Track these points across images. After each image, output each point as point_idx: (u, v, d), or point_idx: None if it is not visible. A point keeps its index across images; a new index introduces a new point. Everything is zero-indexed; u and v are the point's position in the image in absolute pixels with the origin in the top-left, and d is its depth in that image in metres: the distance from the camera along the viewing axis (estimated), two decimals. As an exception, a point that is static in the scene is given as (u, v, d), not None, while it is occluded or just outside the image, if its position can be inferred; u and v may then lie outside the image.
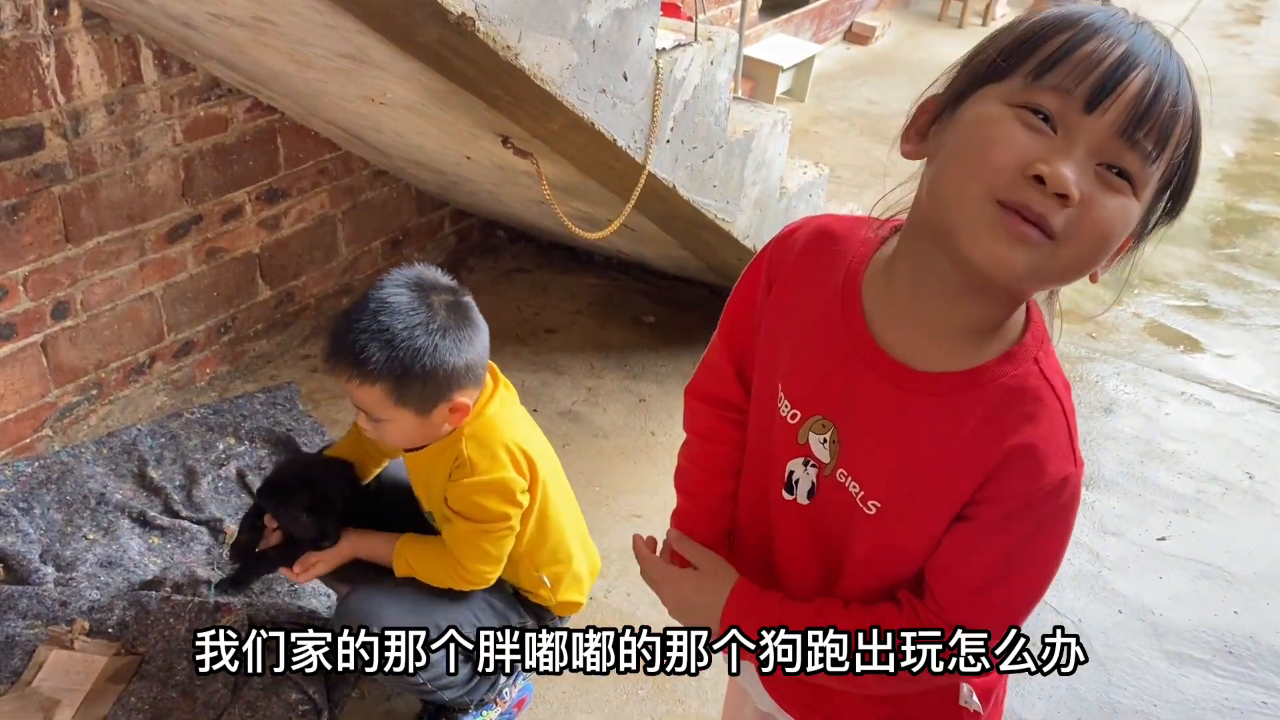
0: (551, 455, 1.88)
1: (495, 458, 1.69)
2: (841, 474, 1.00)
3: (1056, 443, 0.91)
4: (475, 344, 1.65)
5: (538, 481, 1.76)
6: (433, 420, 1.65)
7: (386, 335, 1.55)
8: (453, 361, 1.60)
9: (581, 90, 1.81)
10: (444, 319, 1.60)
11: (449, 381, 1.61)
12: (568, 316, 3.43)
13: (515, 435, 1.74)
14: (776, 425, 1.05)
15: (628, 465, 2.75)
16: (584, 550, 1.96)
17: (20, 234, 2.30)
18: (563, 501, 1.88)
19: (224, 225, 2.77)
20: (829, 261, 1.03)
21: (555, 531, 1.84)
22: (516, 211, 3.20)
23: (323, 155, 2.98)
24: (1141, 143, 0.80)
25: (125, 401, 2.69)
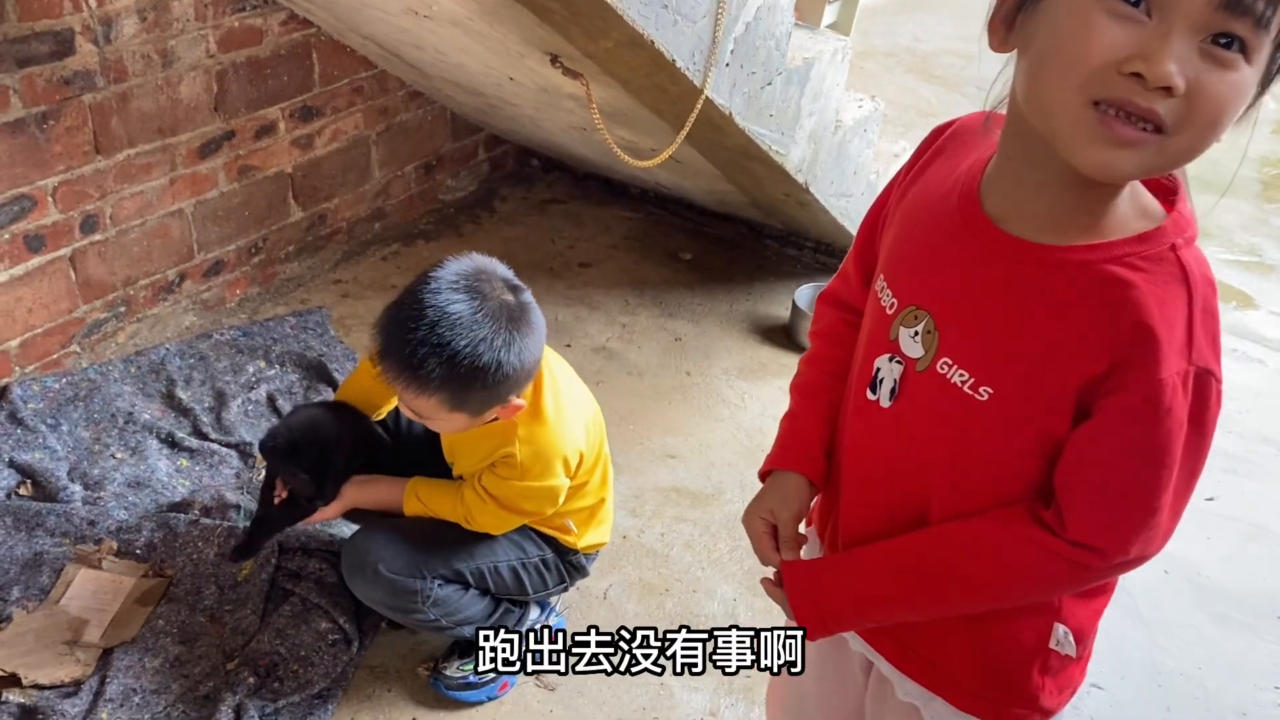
0: (592, 407, 1.84)
1: (549, 468, 1.67)
2: (945, 363, 0.93)
3: (1176, 334, 0.84)
4: (535, 348, 1.57)
5: (582, 465, 1.74)
6: (484, 418, 1.62)
7: (449, 351, 1.46)
8: (514, 370, 1.52)
9: (643, 4, 1.71)
10: (507, 329, 1.50)
11: (508, 388, 1.56)
12: (602, 250, 3.34)
13: (570, 434, 1.69)
14: (875, 319, 1.00)
15: (662, 404, 2.69)
16: (610, 487, 1.92)
17: (50, 143, 2.22)
18: (597, 450, 1.83)
19: (256, 142, 2.69)
20: (960, 154, 0.98)
21: (586, 483, 1.82)
22: (556, 139, 3.10)
23: (358, 73, 2.88)
24: (1253, 7, 0.73)
25: (154, 320, 2.63)
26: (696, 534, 2.28)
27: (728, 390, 2.75)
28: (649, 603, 2.10)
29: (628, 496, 2.37)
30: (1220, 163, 1.03)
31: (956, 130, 1.03)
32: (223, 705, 1.76)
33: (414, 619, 1.81)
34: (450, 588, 1.78)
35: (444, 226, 3.38)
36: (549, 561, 1.86)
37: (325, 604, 1.95)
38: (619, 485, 2.38)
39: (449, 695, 1.87)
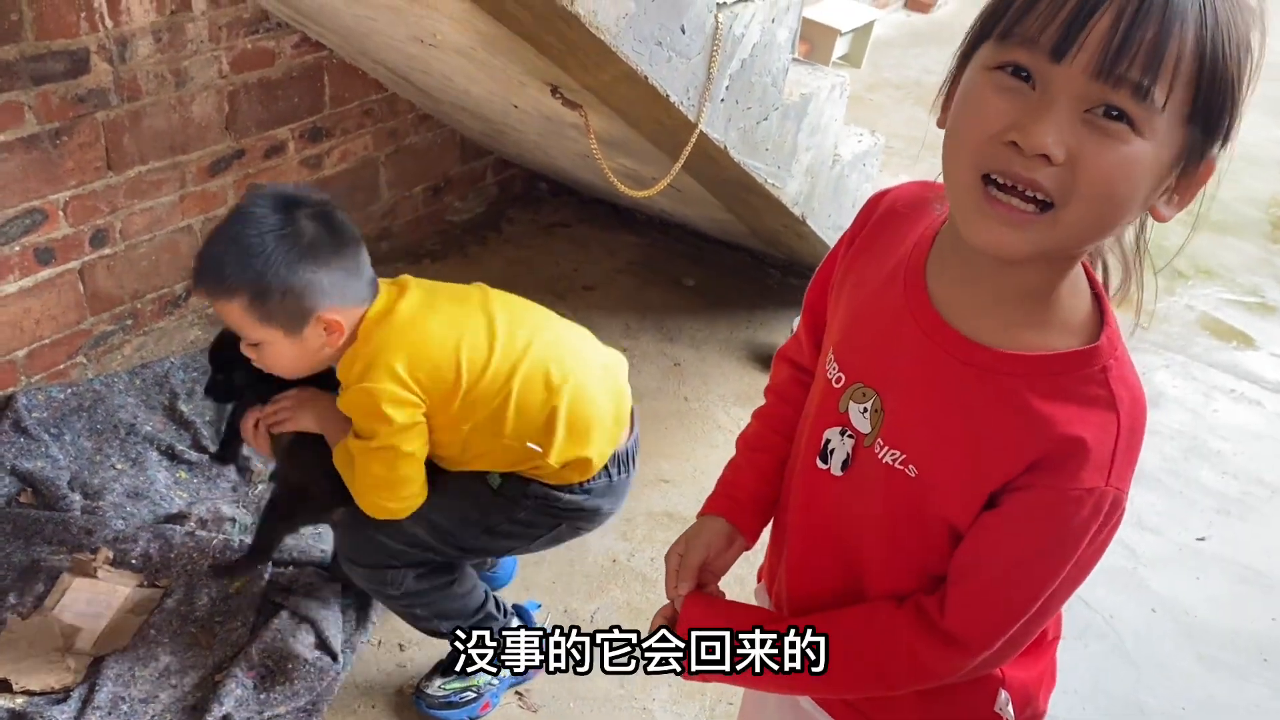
0: (520, 317, 1.74)
1: (373, 368, 1.58)
2: (881, 444, 0.95)
3: (1100, 454, 0.85)
4: (343, 255, 1.58)
5: (455, 391, 1.62)
6: (306, 341, 1.59)
7: (240, 244, 1.51)
8: (313, 272, 1.53)
9: (637, 41, 1.75)
10: (304, 228, 1.54)
11: (312, 294, 1.54)
12: (606, 274, 3.38)
13: (421, 344, 1.61)
14: (825, 391, 1.02)
15: (659, 429, 2.71)
16: (566, 398, 1.69)
17: (63, 159, 2.28)
18: (548, 360, 1.69)
19: (266, 161, 2.74)
20: (905, 227, 0.99)
21: (526, 404, 1.67)
22: (561, 164, 3.15)
23: (369, 96, 2.93)
24: (1127, 77, 0.72)
25: (159, 333, 2.68)
26: (685, 560, 2.30)
27: (724, 417, 2.78)
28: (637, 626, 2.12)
29: (619, 520, 2.38)
30: (1229, 204, 1.04)
31: (893, 202, 1.03)
32: (209, 716, 1.79)
33: (395, 606, 1.85)
34: (425, 582, 1.78)
35: (450, 247, 3.42)
36: (525, 502, 1.75)
37: (314, 618, 1.98)
38: (610, 509, 2.41)
39: (430, 713, 1.89)
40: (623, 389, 1.85)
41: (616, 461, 1.83)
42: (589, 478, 1.76)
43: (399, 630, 2.05)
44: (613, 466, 1.82)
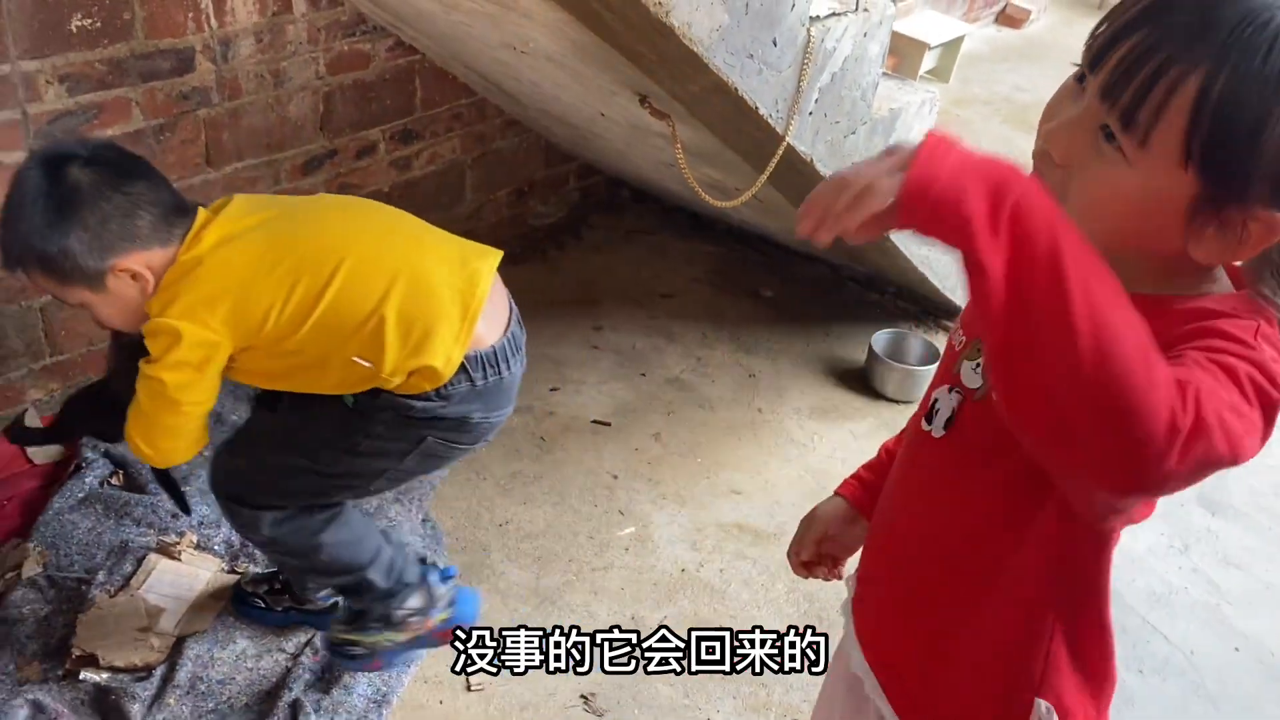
0: (352, 223, 1.65)
1: (171, 303, 1.53)
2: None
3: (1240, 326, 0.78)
4: (117, 199, 1.50)
5: (262, 324, 1.54)
6: (116, 293, 1.54)
7: (9, 216, 1.48)
8: (83, 228, 1.47)
9: (729, 54, 1.75)
10: (72, 183, 1.47)
11: (93, 250, 1.49)
12: (684, 282, 3.39)
13: (221, 282, 1.53)
14: (947, 359, 1.04)
15: (731, 440, 2.71)
16: (396, 306, 1.57)
17: (165, 153, 2.36)
18: (369, 265, 1.58)
19: (357, 161, 2.80)
20: None
21: (345, 319, 1.56)
22: (644, 172, 3.16)
23: (458, 100, 2.98)
24: (1119, 102, 0.77)
25: (249, 326, 2.76)
26: (755, 572, 2.29)
27: (798, 430, 2.76)
28: (701, 637, 2.12)
29: (689, 529, 2.39)
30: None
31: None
32: (280, 701, 1.84)
33: (268, 554, 1.86)
34: (289, 525, 1.72)
35: (531, 251, 3.46)
36: (380, 415, 1.64)
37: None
38: (680, 517, 2.41)
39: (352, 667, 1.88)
40: (479, 284, 1.63)
41: (480, 363, 1.64)
42: (442, 384, 1.61)
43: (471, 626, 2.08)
44: (474, 369, 1.63)
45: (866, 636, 1.12)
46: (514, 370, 1.72)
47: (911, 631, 1.06)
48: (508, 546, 2.29)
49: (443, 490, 2.42)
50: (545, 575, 2.23)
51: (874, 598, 1.14)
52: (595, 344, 3.03)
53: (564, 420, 2.71)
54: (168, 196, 1.57)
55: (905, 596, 1.07)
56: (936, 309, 3.19)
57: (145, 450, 1.62)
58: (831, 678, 1.35)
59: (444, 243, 1.70)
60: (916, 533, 1.04)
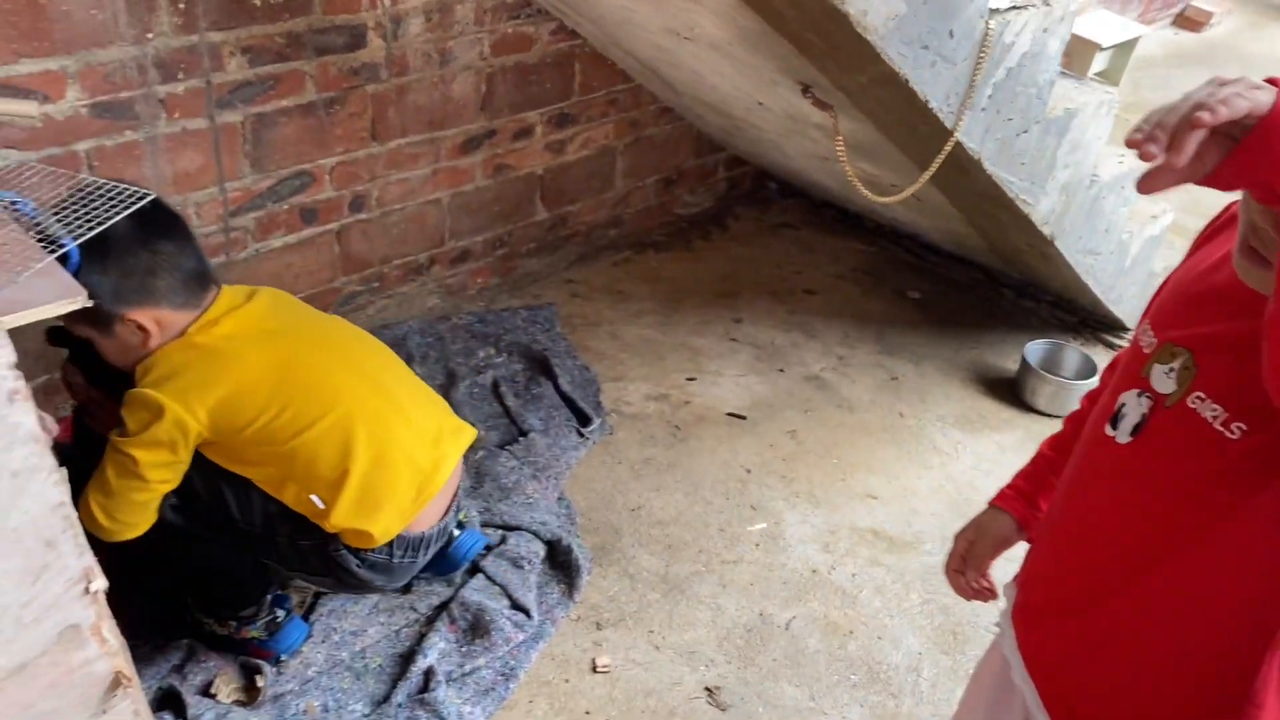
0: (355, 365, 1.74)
1: (168, 378, 1.57)
2: (1197, 398, 0.89)
3: None
4: (141, 255, 1.54)
5: (246, 426, 1.62)
6: (120, 339, 1.59)
7: (38, 242, 1.45)
8: (104, 276, 1.51)
9: (903, 44, 1.70)
10: (102, 234, 1.45)
11: (110, 297, 1.53)
12: (829, 280, 3.33)
13: (221, 375, 1.59)
14: (1131, 360, 0.99)
15: (869, 442, 2.64)
16: (362, 465, 1.69)
17: (333, 126, 2.44)
18: (357, 419, 1.69)
19: (514, 143, 2.84)
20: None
21: (318, 450, 1.66)
22: (797, 165, 3.12)
23: (615, 86, 2.99)
24: None
25: (402, 298, 2.83)
26: (889, 580, 2.24)
27: (941, 438, 2.68)
28: (830, 641, 2.08)
29: (822, 530, 2.35)
30: None
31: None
32: (414, 666, 1.88)
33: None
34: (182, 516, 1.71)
35: (675, 239, 3.45)
36: (304, 545, 1.74)
37: (505, 581, 2.05)
38: (814, 517, 2.37)
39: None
40: (440, 470, 1.79)
41: (406, 544, 1.79)
42: (368, 549, 1.74)
43: (598, 608, 2.09)
44: (398, 546, 1.78)
45: (1032, 648, 1.07)
46: (426, 558, 1.86)
47: (1090, 643, 1.00)
48: (639, 531, 2.29)
49: (579, 471, 2.44)
50: (675, 563, 2.22)
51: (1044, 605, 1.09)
52: (734, 336, 3.00)
53: (699, 410, 2.69)
54: (192, 264, 1.62)
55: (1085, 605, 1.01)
56: (1096, 320, 3.04)
57: (103, 523, 1.62)
58: (975, 688, 1.30)
59: (427, 417, 1.81)
60: (1099, 540, 0.99)
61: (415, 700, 1.83)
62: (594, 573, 2.17)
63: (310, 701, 1.83)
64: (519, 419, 2.52)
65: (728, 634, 2.07)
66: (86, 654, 1.23)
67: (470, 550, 2.02)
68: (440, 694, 1.83)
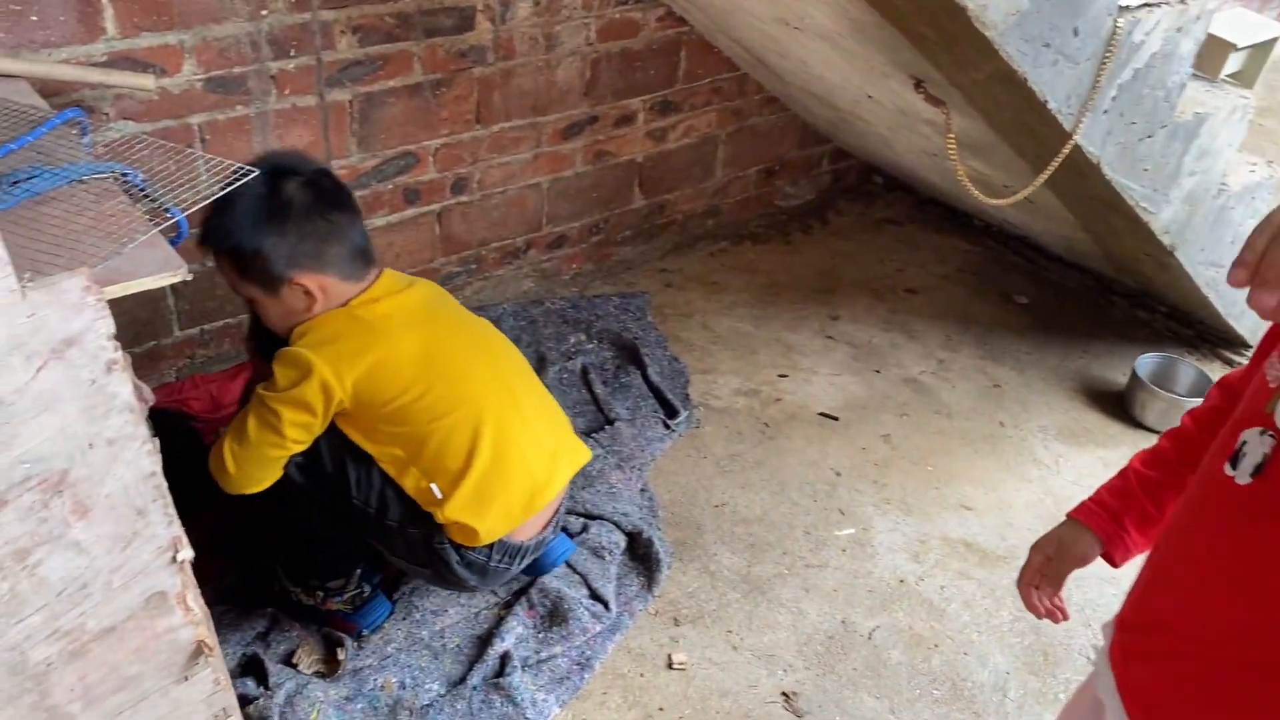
0: (497, 370, 1.79)
1: (323, 343, 1.63)
2: None
3: None
4: (319, 224, 1.62)
5: (385, 404, 1.66)
6: (285, 302, 1.65)
7: (220, 206, 1.57)
8: (280, 236, 1.59)
9: (1023, 40, 1.62)
10: (285, 196, 1.60)
11: (280, 259, 1.60)
12: (932, 279, 3.23)
13: (370, 348, 1.64)
14: (1256, 393, 0.93)
15: (967, 451, 2.56)
16: (523, 478, 1.77)
17: (439, 108, 2.45)
18: (488, 417, 1.73)
19: (615, 130, 2.82)
20: None
21: (448, 440, 1.71)
22: (903, 161, 3.03)
23: (720, 74, 2.95)
24: None
25: (497, 281, 2.85)
26: (979, 595, 2.16)
27: (1042, 450, 2.58)
28: (914, 654, 2.02)
29: (912, 539, 2.28)
30: None
31: None
32: (491, 650, 1.88)
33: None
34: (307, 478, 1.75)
35: (774, 231, 3.40)
36: (412, 533, 1.78)
37: (585, 571, 2.04)
38: (904, 525, 2.31)
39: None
40: (552, 486, 1.83)
41: (505, 550, 1.81)
42: (470, 546, 1.77)
43: (676, 604, 2.07)
44: (497, 550, 1.80)
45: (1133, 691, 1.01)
46: (520, 567, 1.89)
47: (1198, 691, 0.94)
48: (722, 529, 2.26)
49: (663, 463, 2.42)
50: (757, 564, 2.19)
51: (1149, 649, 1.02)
52: (830, 334, 2.94)
53: (790, 408, 2.64)
54: (360, 240, 1.70)
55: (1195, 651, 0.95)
56: (1215, 336, 2.89)
57: (230, 471, 1.67)
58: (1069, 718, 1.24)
59: (548, 431, 1.85)
60: (1215, 584, 0.92)
61: (490, 684, 1.83)
62: (674, 567, 2.15)
63: (388, 678, 1.85)
64: (606, 407, 2.51)
65: (808, 639, 2.03)
66: (171, 621, 1.25)
67: (560, 556, 2.03)
68: (515, 679, 1.83)
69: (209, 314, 2.38)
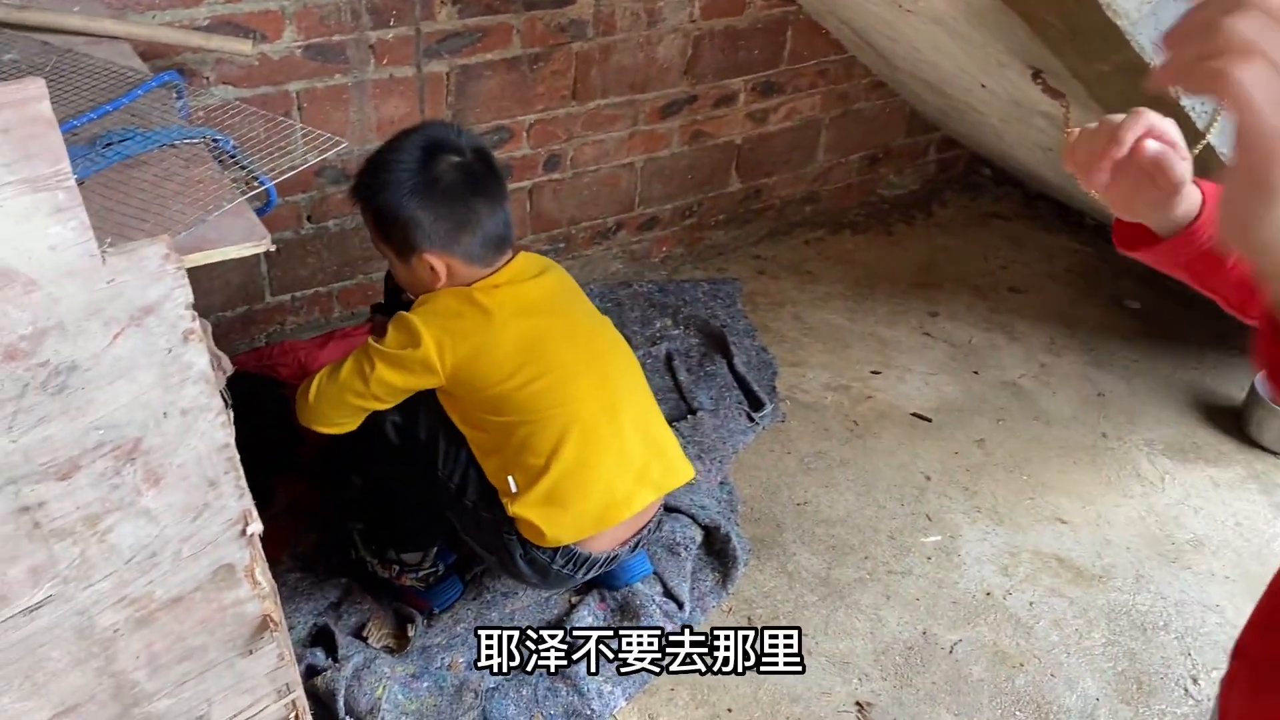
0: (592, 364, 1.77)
1: (436, 315, 1.66)
2: None
3: None
4: (459, 206, 1.64)
5: (480, 389, 1.68)
6: (414, 270, 1.70)
7: (375, 164, 1.66)
8: (420, 210, 1.63)
9: (1157, 32, 1.50)
10: (436, 171, 1.63)
11: (416, 231, 1.64)
12: (1038, 279, 3.09)
13: (475, 335, 1.66)
14: None
15: (1064, 462, 2.44)
16: (602, 491, 1.75)
17: (536, 83, 2.41)
18: (578, 424, 1.72)
19: (714, 110, 2.75)
20: None
21: (534, 437, 1.70)
22: (1016, 153, 2.90)
23: (826, 56, 2.85)
24: None
25: (586, 261, 2.81)
26: (1071, 614, 2.05)
27: (1147, 466, 2.44)
28: (997, 672, 1.93)
29: (1002, 551, 2.18)
30: None
31: None
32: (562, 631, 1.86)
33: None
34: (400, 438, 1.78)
35: (874, 221, 3.29)
36: (484, 517, 1.78)
37: (667, 571, 1.99)
38: (994, 536, 2.21)
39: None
40: (630, 505, 1.78)
41: (571, 556, 1.78)
42: (537, 545, 1.75)
43: (751, 603, 2.01)
44: (563, 555, 1.77)
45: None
46: (585, 577, 1.86)
47: None
48: (802, 528, 2.20)
49: (745, 456, 2.36)
50: (837, 567, 2.11)
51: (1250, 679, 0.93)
52: (928, 331, 2.83)
53: (881, 406, 2.55)
54: (498, 229, 1.71)
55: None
56: (1344, 354, 2.70)
57: (309, 400, 1.72)
58: None
59: (641, 450, 1.80)
60: None
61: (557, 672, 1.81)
62: (750, 565, 2.09)
63: (455, 658, 1.84)
64: (689, 395, 2.46)
65: (886, 649, 1.95)
66: (238, 594, 1.25)
67: (633, 577, 1.98)
68: (582, 669, 1.80)
69: (300, 282, 2.40)
